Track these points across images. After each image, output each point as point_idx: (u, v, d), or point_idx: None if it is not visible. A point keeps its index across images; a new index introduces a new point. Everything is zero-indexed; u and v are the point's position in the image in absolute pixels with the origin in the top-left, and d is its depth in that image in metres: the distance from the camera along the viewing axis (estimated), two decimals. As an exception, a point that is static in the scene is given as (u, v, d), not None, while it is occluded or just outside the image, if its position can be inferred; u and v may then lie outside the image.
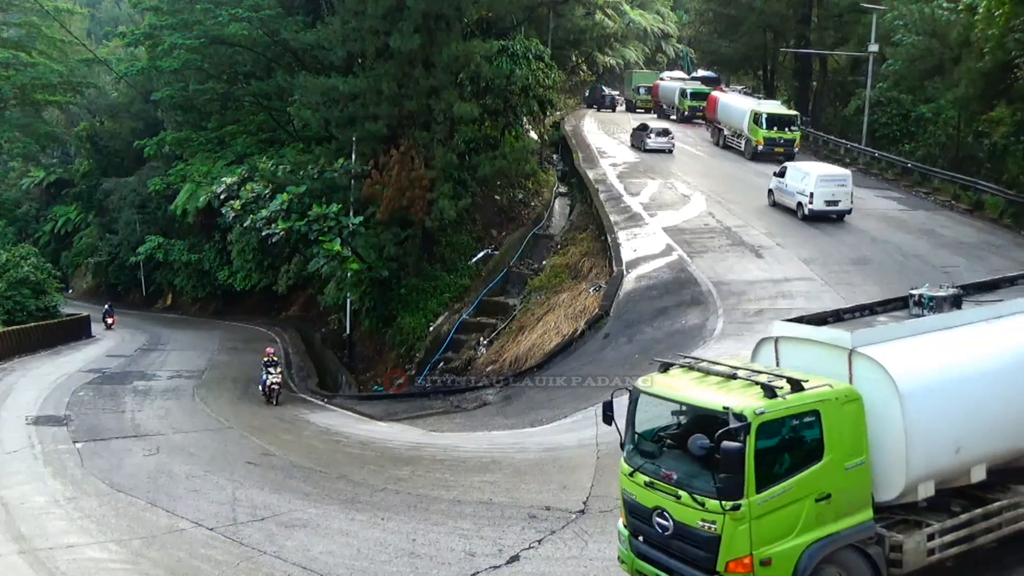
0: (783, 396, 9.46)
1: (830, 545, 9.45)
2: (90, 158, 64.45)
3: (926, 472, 9.98)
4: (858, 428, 9.71)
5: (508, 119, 38.26)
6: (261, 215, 31.81)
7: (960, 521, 10.13)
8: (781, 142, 42.03)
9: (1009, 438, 10.60)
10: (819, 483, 9.44)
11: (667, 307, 24.02)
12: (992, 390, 10.37)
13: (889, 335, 10.42)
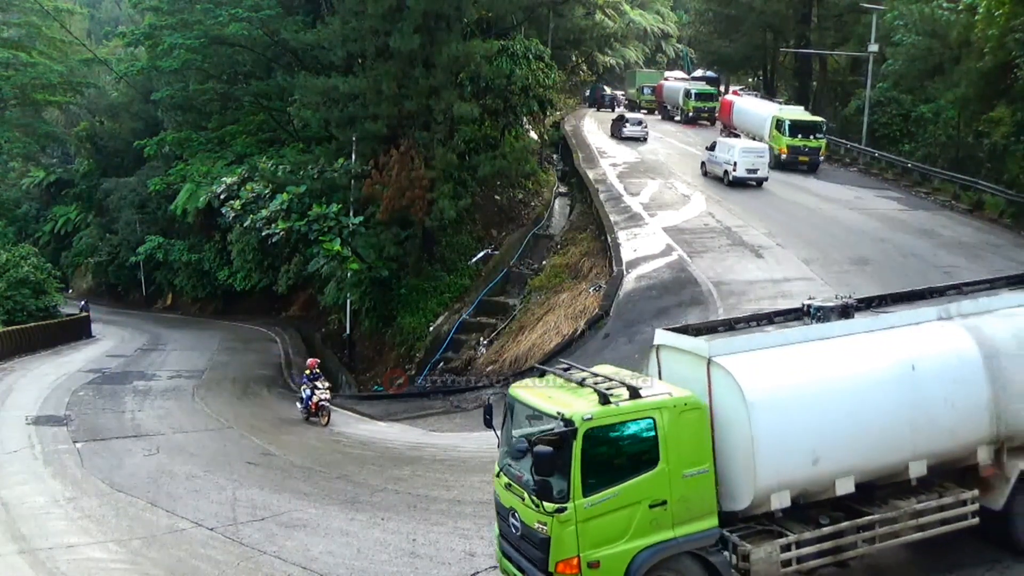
0: (616, 403, 9.50)
1: (665, 551, 9.47)
2: (90, 158, 64.44)
3: (778, 482, 9.87)
4: (699, 436, 9.70)
5: (508, 119, 38.26)
6: (261, 215, 31.81)
7: (822, 534, 9.98)
8: (806, 150, 40.01)
9: (880, 451, 10.29)
10: (653, 489, 9.47)
11: (667, 307, 24.01)
12: (857, 402, 10.17)
13: (749, 345, 10.32)
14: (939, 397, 10.46)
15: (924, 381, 10.43)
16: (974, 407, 10.61)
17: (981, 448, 10.71)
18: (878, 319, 10.98)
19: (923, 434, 10.41)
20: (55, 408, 25.37)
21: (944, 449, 10.62)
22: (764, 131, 41.98)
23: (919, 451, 10.43)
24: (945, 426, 10.51)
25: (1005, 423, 10.76)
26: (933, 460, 10.58)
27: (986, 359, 10.70)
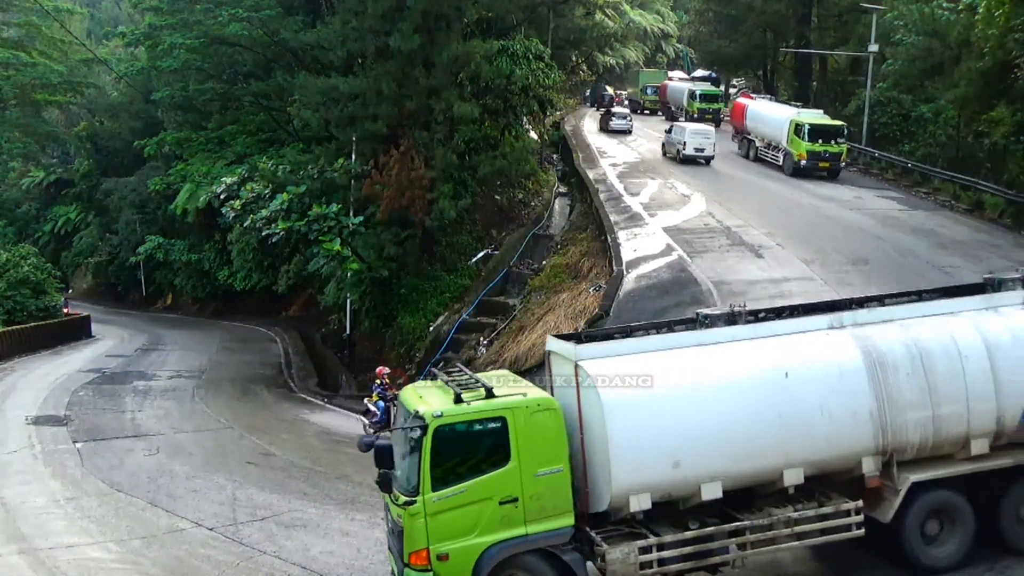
0: (469, 402, 9.88)
1: (515, 547, 9.77)
2: (90, 158, 64.39)
3: (636, 484, 9.96)
4: (552, 437, 9.92)
5: (508, 119, 38.24)
6: (261, 215, 31.81)
7: (684, 537, 10.06)
8: (826, 156, 38.10)
9: (748, 458, 10.27)
10: (504, 486, 9.80)
11: (667, 307, 23.98)
12: (721, 408, 10.20)
13: (617, 350, 10.49)
14: (814, 405, 10.37)
15: (797, 389, 10.36)
16: (854, 417, 10.46)
17: (866, 459, 10.57)
18: (760, 327, 10.95)
19: (796, 442, 10.32)
20: (55, 408, 25.40)
21: (822, 458, 10.50)
22: (781, 136, 39.93)
23: (793, 459, 10.33)
24: (821, 435, 10.39)
25: (892, 434, 10.57)
26: (812, 469, 10.47)
27: (870, 369, 10.53)
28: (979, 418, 10.72)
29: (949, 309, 11.28)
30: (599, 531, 10.20)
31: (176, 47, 41.32)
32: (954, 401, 10.65)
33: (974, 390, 10.67)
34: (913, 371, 10.59)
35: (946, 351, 10.69)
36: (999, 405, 10.72)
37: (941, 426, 10.67)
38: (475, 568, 9.76)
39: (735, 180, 39.19)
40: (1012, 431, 10.84)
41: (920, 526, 10.77)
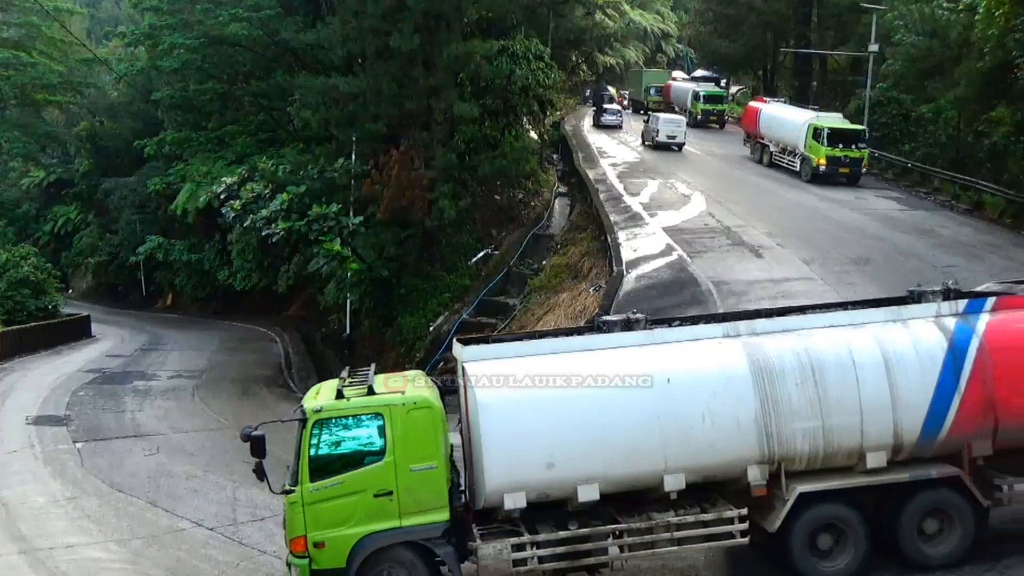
0: (349, 398, 10.35)
1: (388, 539, 10.16)
2: (90, 158, 64.38)
3: (510, 483, 10.11)
4: (428, 434, 10.27)
5: (508, 119, 38.28)
6: (261, 215, 31.82)
7: (558, 537, 10.21)
8: (847, 161, 36.53)
9: (625, 462, 10.31)
10: (380, 480, 10.17)
11: (667, 307, 23.98)
12: (598, 412, 10.25)
13: (503, 353, 10.72)
14: (696, 412, 10.31)
15: (679, 395, 10.35)
16: (738, 424, 10.37)
17: (751, 467, 10.45)
18: (653, 334, 10.96)
19: (676, 448, 10.29)
20: (55, 408, 25.40)
21: (704, 465, 10.47)
22: (799, 141, 38.21)
23: (673, 464, 10.31)
24: (703, 441, 10.34)
25: (779, 443, 10.44)
26: (694, 475, 10.45)
27: (757, 377, 10.42)
28: (874, 431, 10.48)
29: (855, 321, 11.08)
30: (482, 528, 10.42)
31: (176, 47, 41.33)
32: (846, 412, 10.43)
33: (869, 402, 10.43)
34: (803, 381, 10.41)
35: (840, 362, 10.49)
36: (896, 418, 10.46)
37: (832, 437, 10.47)
38: (349, 557, 10.12)
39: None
40: (912, 445, 10.62)
41: (809, 538, 10.58)
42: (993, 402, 10.49)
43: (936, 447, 10.70)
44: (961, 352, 10.54)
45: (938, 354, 10.54)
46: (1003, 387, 10.47)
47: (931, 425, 10.51)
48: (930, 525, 10.71)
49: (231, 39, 40.85)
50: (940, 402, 10.47)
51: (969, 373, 10.47)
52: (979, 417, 10.52)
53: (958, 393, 10.46)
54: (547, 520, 10.45)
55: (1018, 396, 10.51)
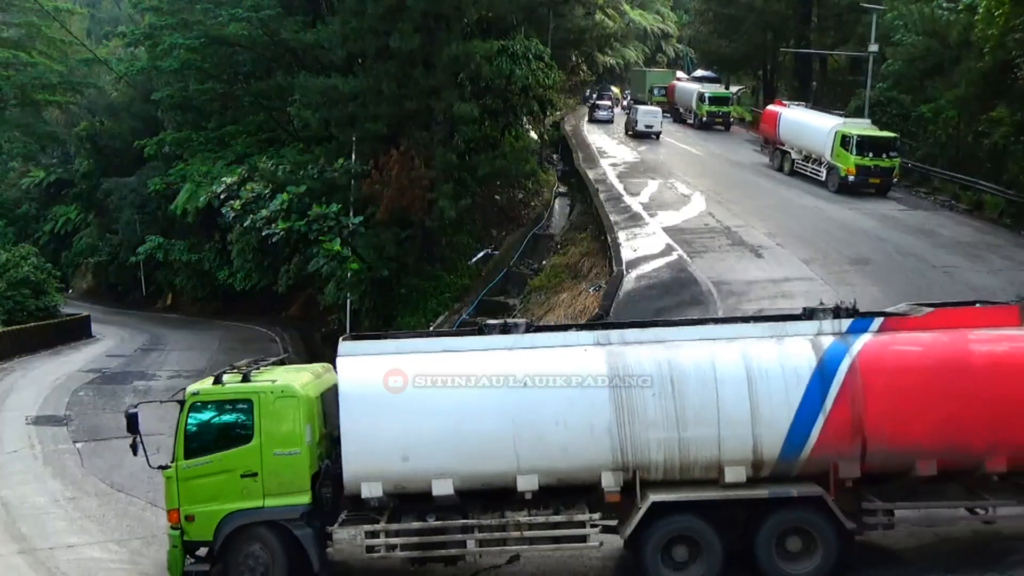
0: (224, 383, 11.22)
1: (251, 517, 10.87)
2: (90, 158, 64.36)
3: (366, 472, 10.59)
4: (293, 422, 10.91)
5: (508, 119, 38.25)
6: (261, 215, 31.82)
7: (410, 527, 10.71)
8: (877, 171, 34.48)
9: (479, 460, 10.61)
10: (246, 462, 10.92)
11: (667, 307, 23.99)
12: (455, 411, 10.59)
13: (374, 349, 11.23)
14: (550, 416, 10.49)
15: (536, 398, 10.54)
16: (591, 430, 10.48)
17: (605, 473, 10.56)
18: (523, 338, 11.13)
19: (530, 450, 10.50)
20: (55, 408, 25.39)
21: (557, 468, 10.63)
22: (825, 148, 36.11)
23: (526, 466, 10.53)
24: (556, 445, 10.49)
25: (633, 451, 10.51)
26: (548, 477, 10.64)
27: (614, 386, 10.49)
28: (732, 445, 10.41)
29: (729, 335, 10.99)
30: (352, 513, 10.99)
31: (176, 47, 41.29)
32: (704, 425, 10.42)
33: (727, 416, 10.37)
34: (661, 391, 10.44)
35: (701, 375, 10.47)
36: (756, 433, 10.36)
37: (689, 449, 10.48)
38: (216, 531, 10.91)
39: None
40: (773, 462, 10.50)
41: (663, 548, 10.58)
42: (862, 424, 10.24)
43: (800, 466, 10.50)
44: (830, 372, 10.32)
45: (805, 372, 10.35)
46: (873, 410, 10.23)
47: (793, 443, 10.35)
48: (793, 544, 10.53)
49: (231, 39, 40.82)
50: (803, 421, 10.29)
51: (836, 393, 10.26)
52: (845, 438, 10.28)
53: (823, 413, 10.25)
54: (412, 511, 10.89)
55: (888, 420, 10.25)
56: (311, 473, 10.97)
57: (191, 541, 11.19)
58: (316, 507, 10.97)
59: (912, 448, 10.26)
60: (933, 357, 10.46)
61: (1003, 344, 10.50)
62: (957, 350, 10.44)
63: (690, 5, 76.63)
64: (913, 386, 10.29)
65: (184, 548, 11.23)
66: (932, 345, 10.55)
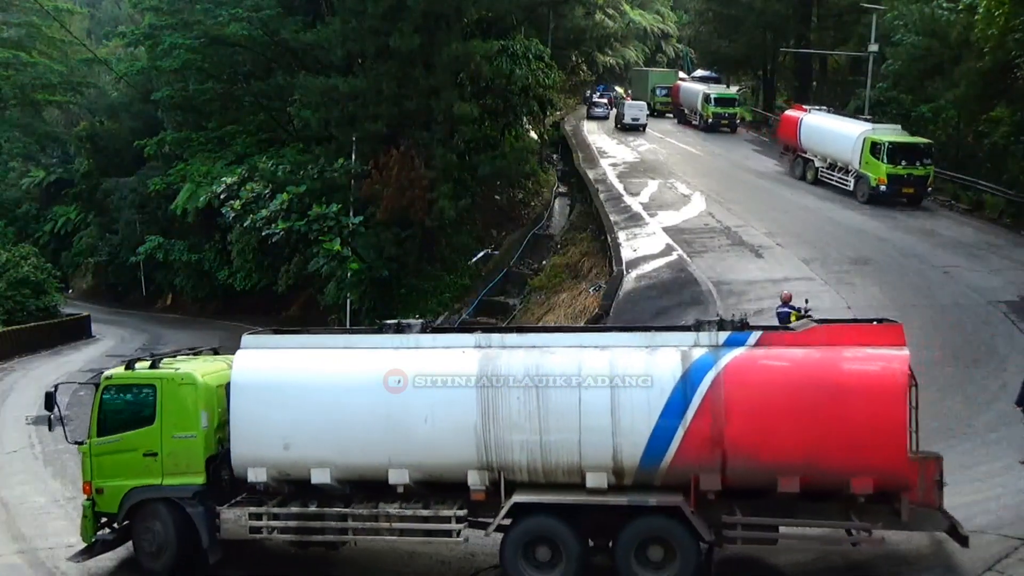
0: (134, 370, 12.22)
1: (149, 493, 11.76)
2: (90, 158, 64.34)
3: (252, 458, 11.31)
4: (190, 408, 11.73)
5: (508, 119, 38.27)
6: (261, 215, 31.85)
7: (288, 512, 11.42)
8: (910, 180, 32.35)
9: (353, 453, 11.07)
10: (148, 442, 11.82)
11: (667, 307, 24.00)
12: (333, 404, 11.08)
13: (276, 343, 11.94)
14: (420, 414, 10.82)
15: (409, 396, 10.88)
16: (457, 429, 10.75)
17: (471, 472, 10.85)
18: (408, 338, 11.52)
19: (400, 446, 10.89)
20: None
21: (426, 464, 10.99)
22: (853, 157, 34.01)
23: (397, 461, 10.93)
24: (424, 442, 10.84)
25: (496, 452, 10.73)
26: (418, 473, 11.02)
27: (481, 387, 10.71)
28: (592, 451, 10.50)
29: (604, 343, 11.06)
30: (247, 496, 11.68)
31: (176, 47, 41.31)
32: (565, 430, 10.54)
33: (588, 423, 10.46)
34: (525, 396, 10.61)
35: (566, 381, 10.59)
36: (616, 442, 10.42)
37: (550, 452, 10.62)
38: (120, 504, 11.90)
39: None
40: (633, 471, 10.52)
41: (525, 548, 10.78)
42: (722, 438, 10.17)
43: (661, 476, 10.50)
44: (693, 384, 10.29)
45: (668, 384, 10.35)
46: (733, 424, 10.16)
47: (652, 453, 10.36)
48: (655, 552, 10.55)
49: (231, 39, 40.84)
50: (663, 431, 10.30)
51: (698, 406, 10.23)
52: (705, 451, 10.24)
53: (683, 424, 10.25)
54: (302, 498, 11.51)
55: (749, 435, 10.15)
56: (206, 456, 11.72)
57: (101, 512, 12.21)
58: (210, 488, 11.68)
59: (773, 464, 10.11)
60: (799, 374, 10.26)
61: (874, 364, 10.11)
62: (825, 368, 10.19)
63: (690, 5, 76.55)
64: (776, 402, 10.15)
65: (95, 518, 12.26)
66: (801, 362, 10.31)
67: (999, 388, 16.93)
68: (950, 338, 19.98)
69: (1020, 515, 12.09)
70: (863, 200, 33.17)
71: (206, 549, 11.64)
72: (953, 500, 12.66)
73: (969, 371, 18.09)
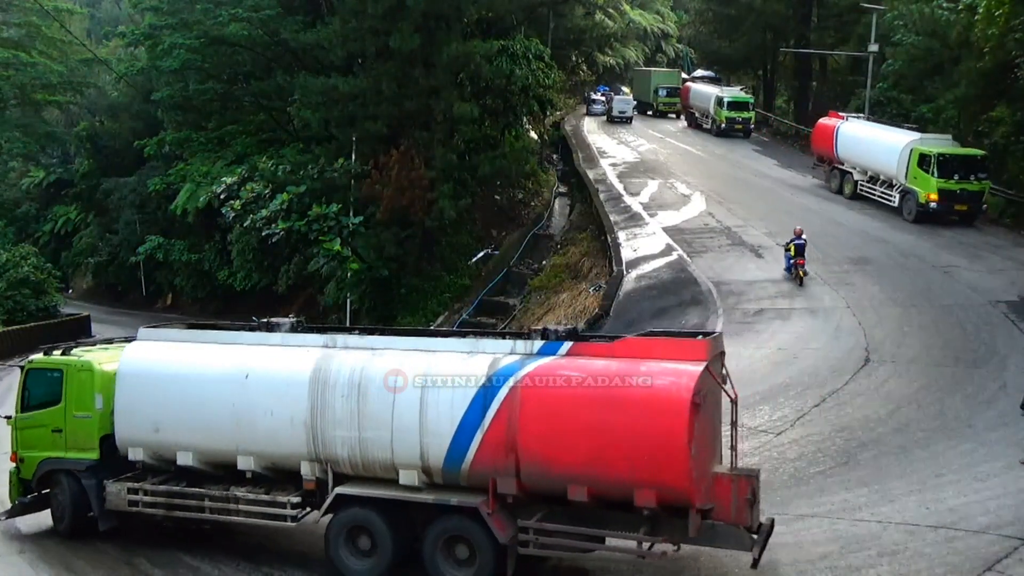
0: (52, 355, 14.14)
1: (55, 465, 13.56)
2: (90, 158, 64.32)
3: (130, 439, 12.74)
4: (86, 391, 13.33)
5: (508, 119, 38.25)
6: (261, 215, 31.84)
7: (157, 489, 12.70)
8: (964, 196, 29.56)
9: (209, 439, 12.26)
10: (55, 419, 13.57)
11: (667, 307, 24.02)
12: (193, 393, 12.25)
13: (165, 336, 13.32)
14: (263, 406, 11.80)
15: (253, 390, 11.88)
16: (291, 423, 11.62)
17: (304, 463, 11.76)
18: (271, 336, 12.57)
19: (246, 434, 11.96)
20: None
21: (267, 453, 12.01)
22: (897, 170, 31.31)
23: (243, 448, 12.03)
24: (265, 433, 11.85)
25: (323, 446, 11.56)
26: (263, 461, 12.07)
27: (313, 384, 11.51)
28: (402, 450, 11.09)
29: (431, 347, 11.67)
30: (134, 473, 13.00)
31: (176, 47, 41.27)
32: (379, 428, 11.19)
33: (399, 422, 11.07)
34: (348, 394, 11.34)
35: (384, 382, 11.25)
36: (423, 442, 10.96)
37: (367, 449, 11.33)
38: (33, 473, 13.73)
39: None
40: (439, 471, 11.01)
41: (346, 536, 11.48)
42: (515, 444, 10.50)
43: (464, 477, 10.94)
44: (493, 391, 10.68)
45: (472, 389, 10.76)
46: (527, 432, 10.48)
47: (454, 455, 10.82)
48: (461, 551, 10.97)
49: (231, 39, 40.82)
50: (464, 434, 10.75)
51: (495, 411, 10.60)
52: (500, 456, 10.59)
53: (482, 429, 10.65)
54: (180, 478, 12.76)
55: (540, 442, 10.43)
56: (100, 435, 13.21)
57: (22, 479, 14.08)
58: (104, 463, 13.18)
59: (562, 472, 10.36)
60: (590, 386, 10.44)
61: (662, 379, 10.15)
62: (615, 381, 10.31)
63: (690, 5, 76.48)
64: (565, 412, 10.41)
65: (20, 484, 14.13)
66: (596, 374, 10.47)
67: (999, 388, 16.94)
68: (950, 338, 20.00)
69: (1020, 515, 12.08)
70: (910, 218, 30.55)
71: (95, 516, 13.23)
72: (953, 500, 12.74)
73: (969, 371, 18.10)
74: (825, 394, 17.33)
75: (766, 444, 15.44)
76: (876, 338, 20.13)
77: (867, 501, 12.92)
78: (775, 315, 22.41)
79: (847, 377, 18.06)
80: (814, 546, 11.68)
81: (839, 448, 15.02)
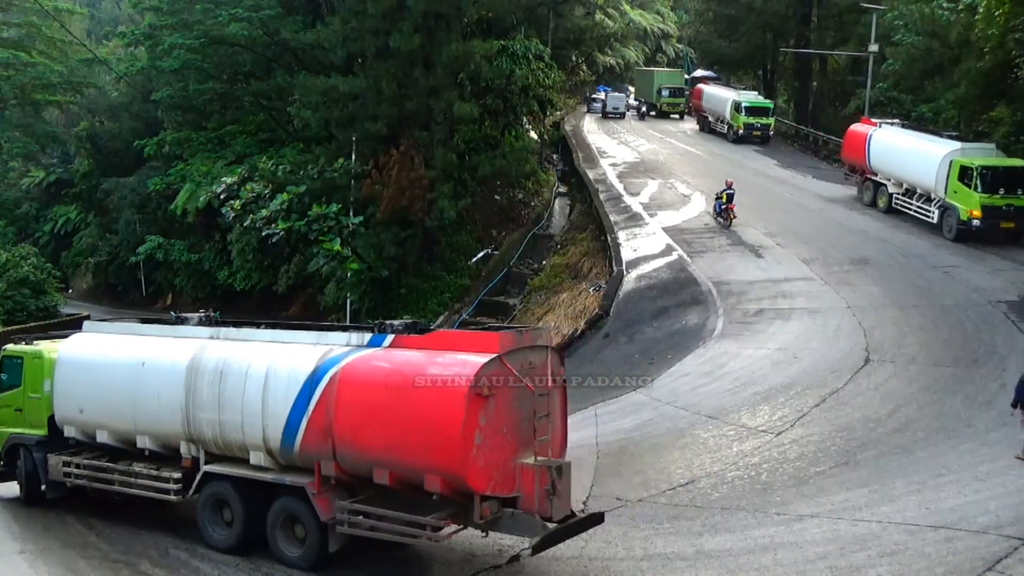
0: (17, 344, 16.01)
1: (17, 440, 15.39)
2: (90, 158, 64.25)
3: (64, 418, 14.37)
4: (38, 376, 15.14)
5: (508, 119, 38.26)
6: (261, 215, 31.86)
7: (81, 462, 14.23)
8: (1011, 212, 26.97)
9: (116, 419, 13.69)
10: (17, 401, 15.51)
11: (667, 307, 24.03)
12: (104, 377, 13.71)
13: (109, 329, 15.07)
14: (153, 390, 13.14)
15: (147, 376, 13.26)
16: (171, 407, 12.90)
17: (182, 443, 13.05)
18: (178, 328, 13.92)
19: (141, 416, 13.38)
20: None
21: (157, 433, 13.35)
22: (935, 183, 28.70)
23: (140, 428, 13.42)
24: (153, 415, 13.22)
25: (193, 427, 12.81)
26: (155, 440, 13.42)
27: (189, 372, 12.75)
28: (250, 432, 12.21)
29: (284, 339, 12.74)
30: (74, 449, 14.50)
31: (176, 47, 41.30)
32: (233, 412, 12.33)
33: (247, 407, 12.16)
34: (212, 380, 12.54)
35: (238, 370, 12.35)
36: (264, 424, 12.01)
37: (225, 431, 12.50)
38: (4, 444, 15.63)
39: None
40: (278, 452, 11.99)
41: (212, 508, 12.81)
42: (332, 429, 11.37)
43: (297, 459, 11.90)
44: (317, 380, 11.58)
45: (301, 378, 11.71)
46: (340, 417, 11.33)
47: (287, 438, 11.83)
48: (299, 530, 11.96)
49: (231, 39, 40.84)
50: (294, 420, 11.73)
51: (317, 399, 11.51)
52: (320, 440, 11.50)
53: (306, 415, 11.61)
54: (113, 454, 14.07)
55: (349, 429, 11.24)
56: (47, 414, 14.81)
57: None
58: (51, 439, 14.80)
59: (368, 456, 11.19)
60: (389, 375, 11.20)
61: (450, 369, 10.73)
62: (410, 371, 10.99)
63: (690, 5, 76.45)
64: (369, 400, 11.21)
65: None
66: (398, 364, 11.25)
67: (999, 388, 16.93)
68: (950, 338, 20.00)
69: (1020, 515, 12.07)
70: (950, 236, 28.01)
71: (43, 482, 15.01)
72: (953, 500, 12.73)
73: (969, 371, 18.09)
74: (825, 394, 17.34)
75: (766, 444, 15.44)
76: (876, 338, 20.14)
77: (867, 501, 12.91)
78: (775, 315, 22.42)
79: (847, 377, 18.07)
80: (814, 546, 11.67)
81: (839, 448, 15.02)
